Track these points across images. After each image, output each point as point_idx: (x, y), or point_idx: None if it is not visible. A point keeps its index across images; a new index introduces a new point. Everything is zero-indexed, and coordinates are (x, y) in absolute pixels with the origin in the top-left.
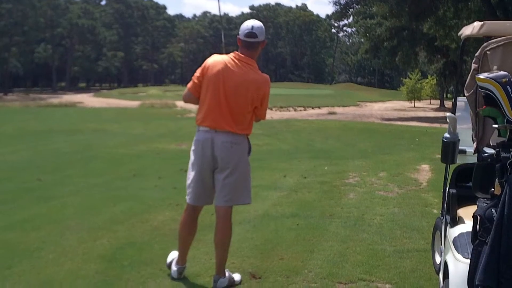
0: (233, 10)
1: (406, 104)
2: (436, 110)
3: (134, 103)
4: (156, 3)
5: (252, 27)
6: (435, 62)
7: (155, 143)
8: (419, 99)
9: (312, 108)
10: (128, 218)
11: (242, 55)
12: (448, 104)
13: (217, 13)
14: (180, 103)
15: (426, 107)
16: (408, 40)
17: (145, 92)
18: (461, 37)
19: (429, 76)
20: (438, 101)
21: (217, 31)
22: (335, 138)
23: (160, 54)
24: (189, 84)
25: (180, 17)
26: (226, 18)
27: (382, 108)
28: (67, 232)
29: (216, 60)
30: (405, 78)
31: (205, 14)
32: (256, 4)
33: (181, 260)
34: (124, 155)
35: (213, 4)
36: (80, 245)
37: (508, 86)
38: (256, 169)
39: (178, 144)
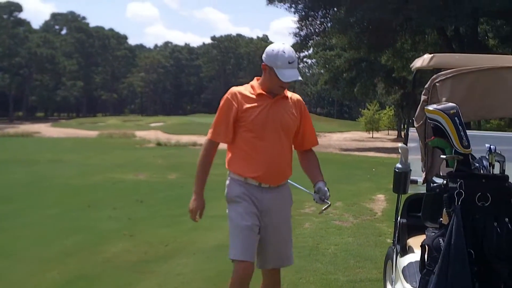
0: (195, 40)
1: (364, 134)
2: (394, 140)
3: (93, 133)
4: (117, 33)
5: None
6: (393, 93)
7: (112, 173)
8: (377, 129)
9: None
10: (80, 250)
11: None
12: None
13: (179, 44)
14: (139, 133)
15: (384, 138)
16: (367, 71)
17: (104, 122)
18: (412, 69)
19: (387, 107)
20: (396, 132)
21: (178, 61)
22: (293, 168)
23: (120, 84)
24: None
25: (141, 47)
26: (187, 48)
27: (340, 138)
28: (18, 265)
29: None
30: (364, 109)
31: (166, 44)
32: (217, 34)
33: None
34: (80, 185)
35: (174, 34)
36: (29, 278)
37: (456, 118)
38: (212, 199)
39: (136, 174)
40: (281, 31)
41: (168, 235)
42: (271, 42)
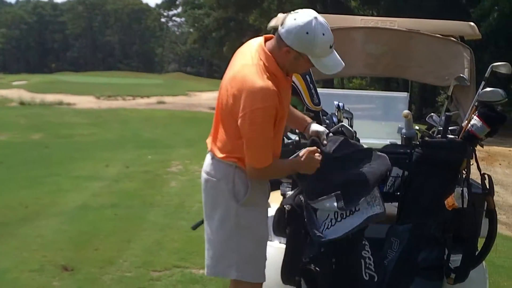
0: None
1: None
2: None
3: None
4: None
5: None
6: None
7: None
8: None
9: (141, 97)
10: None
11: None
12: None
13: None
14: (1, 92)
15: None
16: (236, 30)
17: None
18: (268, 28)
19: None
20: None
21: (42, 17)
22: (162, 127)
23: None
24: None
25: (0, 2)
26: (51, 4)
27: (210, 97)
28: None
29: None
30: None
31: None
32: None
33: None
34: None
35: None
36: None
37: (307, 76)
38: (78, 159)
39: None
40: None
41: (28, 197)
42: (139, 0)
